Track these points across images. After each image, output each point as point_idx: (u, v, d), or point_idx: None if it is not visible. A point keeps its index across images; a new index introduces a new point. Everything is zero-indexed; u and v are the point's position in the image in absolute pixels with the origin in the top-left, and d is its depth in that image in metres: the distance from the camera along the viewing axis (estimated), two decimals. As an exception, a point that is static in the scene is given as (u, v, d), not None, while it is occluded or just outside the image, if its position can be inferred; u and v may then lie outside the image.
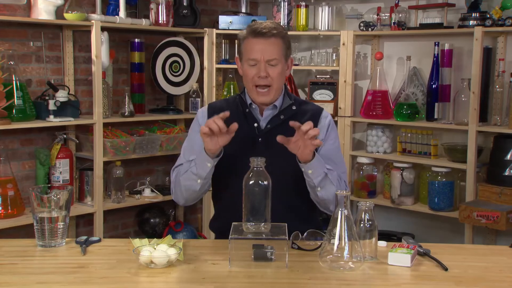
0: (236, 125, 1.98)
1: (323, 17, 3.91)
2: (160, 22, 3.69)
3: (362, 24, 3.77)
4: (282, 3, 3.92)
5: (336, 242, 1.75)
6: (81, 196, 3.52)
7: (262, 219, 1.85)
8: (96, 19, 3.33)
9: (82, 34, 3.52)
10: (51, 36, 3.42)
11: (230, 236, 1.80)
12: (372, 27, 3.75)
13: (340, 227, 1.75)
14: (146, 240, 1.89)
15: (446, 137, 3.67)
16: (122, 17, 3.49)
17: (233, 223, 1.88)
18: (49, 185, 3.18)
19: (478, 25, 3.29)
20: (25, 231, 3.12)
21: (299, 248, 1.94)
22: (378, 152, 3.78)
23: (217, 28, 3.93)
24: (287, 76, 2.27)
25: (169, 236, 1.96)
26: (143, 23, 3.60)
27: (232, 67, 3.89)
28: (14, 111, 3.09)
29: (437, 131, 3.64)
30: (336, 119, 3.82)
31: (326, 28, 3.92)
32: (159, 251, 1.78)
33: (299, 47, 4.12)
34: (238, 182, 1.90)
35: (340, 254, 1.75)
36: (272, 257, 1.82)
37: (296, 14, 3.95)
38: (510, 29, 3.22)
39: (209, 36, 3.92)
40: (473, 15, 3.32)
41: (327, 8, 3.90)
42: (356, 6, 4.02)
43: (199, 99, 3.92)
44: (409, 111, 3.60)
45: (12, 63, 3.12)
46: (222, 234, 2.15)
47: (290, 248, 1.91)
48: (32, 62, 3.35)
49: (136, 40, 3.73)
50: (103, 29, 3.37)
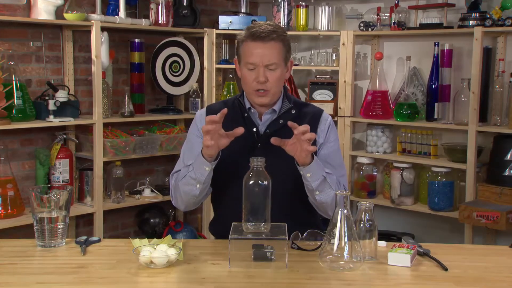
0: (242, 129, 1.96)
1: (323, 17, 3.91)
2: (160, 22, 3.69)
3: (362, 24, 3.77)
4: (282, 3, 3.91)
5: (336, 242, 1.75)
6: (81, 196, 3.52)
7: (262, 219, 1.85)
8: (96, 19, 3.34)
9: (82, 34, 3.52)
10: (51, 36, 3.42)
11: (230, 236, 1.80)
12: (372, 27, 3.75)
13: (340, 227, 1.74)
14: (146, 240, 1.89)
15: (446, 137, 3.67)
16: (122, 17, 3.49)
17: (233, 223, 1.88)
18: (49, 185, 3.18)
19: (478, 25, 3.29)
20: (25, 231, 3.12)
21: (299, 248, 1.94)
22: (378, 152, 3.78)
23: (217, 28, 3.93)
24: (287, 78, 2.25)
25: (169, 236, 1.96)
26: (143, 23, 3.60)
27: (232, 67, 3.89)
28: (14, 111, 3.09)
29: (437, 131, 3.64)
30: (336, 119, 3.82)
31: (326, 28, 3.92)
32: (159, 251, 1.78)
33: (299, 47, 4.11)
34: (237, 187, 1.90)
35: (340, 254, 1.75)
36: (272, 257, 1.82)
37: (296, 14, 3.95)
38: (510, 29, 3.22)
39: (209, 36, 3.92)
40: (473, 15, 3.32)
41: (327, 8, 3.90)
42: (356, 6, 4.01)
43: (199, 99, 3.92)
44: (409, 111, 3.60)
45: (12, 63, 3.13)
46: (221, 237, 2.14)
47: (290, 248, 1.91)
48: (32, 62, 3.35)
49: (136, 40, 3.73)
50: (103, 29, 3.37)
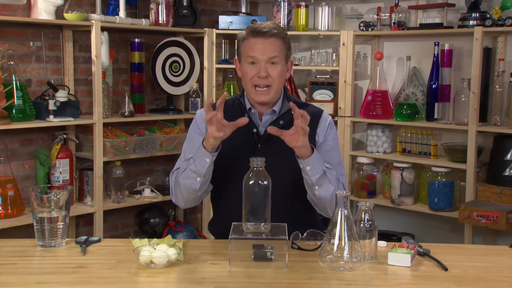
0: (246, 119, 1.97)
1: (323, 17, 3.91)
2: (160, 22, 3.69)
3: (362, 24, 3.77)
4: (282, 3, 3.91)
5: (336, 242, 1.75)
6: (81, 196, 3.52)
7: (262, 219, 1.85)
8: (96, 19, 3.34)
9: (82, 34, 3.52)
10: (51, 36, 3.42)
11: (230, 236, 1.80)
12: (372, 27, 3.75)
13: (340, 227, 1.74)
14: (146, 240, 1.89)
15: (446, 137, 3.67)
16: (122, 17, 3.49)
17: (233, 223, 1.88)
18: (49, 185, 3.18)
19: (478, 25, 3.29)
20: (25, 231, 3.12)
21: (299, 248, 1.94)
22: (378, 152, 3.78)
23: (217, 28, 3.93)
24: (287, 78, 2.25)
25: (169, 236, 1.96)
26: (143, 23, 3.60)
27: (232, 67, 3.89)
28: (14, 111, 3.09)
29: (437, 131, 3.64)
30: (336, 119, 3.82)
31: (326, 28, 3.92)
32: (159, 251, 1.78)
33: (299, 47, 4.11)
34: (237, 187, 1.90)
35: (340, 254, 1.75)
36: (272, 257, 1.82)
37: (296, 14, 3.95)
38: (510, 29, 3.22)
39: (209, 36, 3.92)
40: (473, 15, 3.32)
41: (327, 8, 3.90)
42: (356, 6, 4.01)
43: (199, 99, 3.92)
44: (409, 111, 3.60)
45: (12, 63, 3.13)
46: (221, 237, 2.14)
47: (290, 248, 1.91)
48: (32, 62, 3.35)
49: (136, 40, 3.73)
50: (103, 29, 3.37)
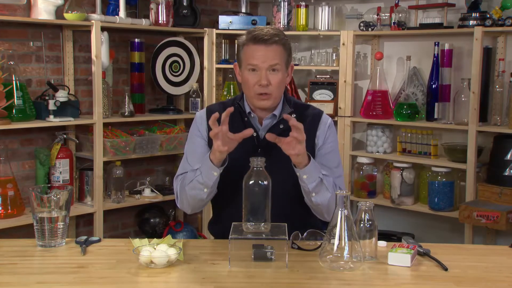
0: (250, 130, 1.95)
1: (323, 17, 3.91)
2: (160, 22, 3.69)
3: (362, 24, 3.77)
4: (282, 3, 3.91)
5: (336, 242, 1.75)
6: (81, 196, 3.52)
7: (262, 219, 1.85)
8: (96, 19, 3.34)
9: (82, 34, 3.52)
10: (51, 36, 3.42)
11: (230, 236, 1.80)
12: (372, 27, 3.75)
13: (340, 227, 1.74)
14: (146, 240, 1.89)
15: (446, 137, 3.67)
16: (122, 17, 3.49)
17: (233, 223, 1.88)
18: (49, 185, 3.18)
19: (478, 25, 3.29)
20: (25, 231, 3.12)
21: (299, 248, 1.94)
22: (378, 152, 3.78)
23: (217, 28, 3.93)
24: (287, 83, 2.25)
25: (169, 236, 1.96)
26: (143, 23, 3.60)
27: (232, 67, 3.88)
28: (14, 111, 3.09)
29: (437, 131, 3.64)
30: (336, 119, 3.82)
31: (326, 28, 3.92)
32: (159, 251, 1.78)
33: (299, 47, 4.11)
34: (237, 189, 1.90)
35: (340, 254, 1.75)
36: (272, 257, 1.82)
37: (296, 14, 3.95)
38: (510, 29, 3.22)
39: (209, 36, 3.92)
40: (473, 15, 3.32)
41: (327, 8, 3.90)
42: (356, 6, 4.01)
43: (199, 99, 3.92)
44: (409, 111, 3.60)
45: (12, 63, 3.12)
46: (221, 237, 2.14)
47: (290, 248, 1.91)
48: (32, 62, 3.35)
49: (136, 40, 3.73)
50: (103, 29, 3.37)
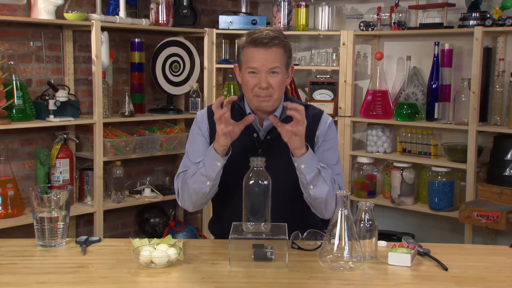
0: (252, 117, 2.01)
1: (323, 17, 3.91)
2: (160, 22, 3.69)
3: (362, 24, 3.77)
4: (282, 3, 3.91)
5: (336, 242, 1.75)
6: (81, 196, 3.52)
7: (262, 219, 1.85)
8: (96, 19, 3.34)
9: (82, 34, 3.52)
10: (51, 36, 3.42)
11: (230, 236, 1.80)
12: (372, 27, 3.75)
13: (340, 227, 1.75)
14: (146, 240, 1.89)
15: (446, 137, 3.67)
16: (122, 17, 3.49)
17: (233, 223, 1.88)
18: (49, 185, 3.18)
19: (478, 25, 3.29)
20: (25, 231, 3.13)
21: (299, 248, 1.94)
22: (378, 152, 3.78)
23: (217, 28, 3.93)
24: (288, 84, 2.25)
25: (169, 236, 1.96)
26: (143, 23, 3.60)
27: (232, 67, 3.88)
28: (14, 111, 3.09)
29: (437, 131, 3.64)
30: (336, 119, 3.82)
31: (326, 28, 3.92)
32: (159, 251, 1.78)
33: (299, 47, 4.11)
34: (237, 189, 1.90)
35: (340, 254, 1.75)
36: (272, 257, 1.82)
37: (296, 14, 3.95)
38: (510, 29, 3.22)
39: (209, 36, 3.91)
40: (473, 15, 3.32)
41: (327, 8, 3.90)
42: (356, 6, 4.01)
43: (199, 99, 3.92)
44: (409, 111, 3.60)
45: (12, 63, 3.12)
46: (221, 237, 2.14)
47: (290, 248, 1.91)
48: (32, 62, 3.35)
49: (136, 40, 3.73)
50: (103, 29, 3.37)
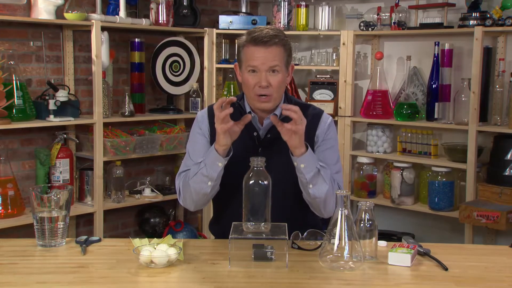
0: (249, 116, 2.01)
1: (323, 17, 3.91)
2: (160, 22, 3.69)
3: (362, 24, 3.77)
4: (282, 3, 3.91)
5: (336, 242, 1.75)
6: (81, 196, 3.52)
7: (262, 219, 1.85)
8: (96, 19, 3.34)
9: (82, 34, 3.52)
10: (51, 36, 3.42)
11: (230, 236, 1.81)
12: (372, 27, 3.75)
13: (340, 227, 1.75)
14: (146, 240, 1.89)
15: (446, 137, 3.67)
16: (122, 17, 3.49)
17: (233, 223, 1.88)
18: (49, 185, 3.17)
19: (478, 25, 3.29)
20: (25, 231, 3.13)
21: (299, 248, 1.94)
22: (378, 152, 3.78)
23: (217, 28, 3.93)
24: (288, 83, 2.26)
25: (169, 236, 1.96)
26: (143, 23, 3.60)
27: (232, 67, 3.88)
28: (14, 111, 3.09)
29: (437, 131, 3.64)
30: (336, 119, 3.82)
31: (326, 28, 3.92)
32: (159, 251, 1.78)
33: (299, 47, 4.11)
34: (237, 189, 1.90)
35: (340, 254, 1.75)
36: (272, 257, 1.82)
37: (296, 14, 3.95)
38: (510, 29, 3.22)
39: (209, 36, 3.92)
40: (473, 15, 3.32)
41: (327, 8, 3.90)
42: (356, 6, 4.01)
43: (199, 99, 3.92)
44: (409, 111, 3.60)
45: (12, 63, 3.13)
46: (221, 237, 2.15)
47: (290, 248, 1.91)
48: (32, 62, 3.35)
49: (136, 40, 3.73)
50: (103, 29, 3.37)
